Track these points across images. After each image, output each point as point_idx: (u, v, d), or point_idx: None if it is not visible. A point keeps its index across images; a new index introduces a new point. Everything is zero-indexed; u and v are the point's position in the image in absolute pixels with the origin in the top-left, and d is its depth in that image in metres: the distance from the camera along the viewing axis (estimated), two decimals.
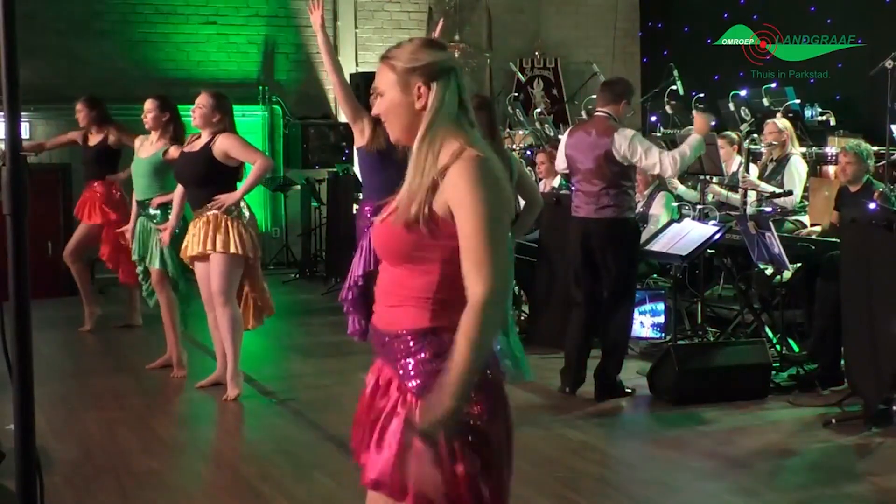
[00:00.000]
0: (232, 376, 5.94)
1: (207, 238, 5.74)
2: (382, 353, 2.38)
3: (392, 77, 2.30)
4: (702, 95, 9.73)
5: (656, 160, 5.75)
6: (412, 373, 2.28)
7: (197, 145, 5.85)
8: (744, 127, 8.51)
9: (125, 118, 8.17)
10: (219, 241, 5.71)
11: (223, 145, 5.76)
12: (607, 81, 6.35)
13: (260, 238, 6.05)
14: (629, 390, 6.06)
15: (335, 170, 10.92)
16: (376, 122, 5.19)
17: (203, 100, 5.82)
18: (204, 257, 5.83)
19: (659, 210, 7.59)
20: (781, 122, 8.00)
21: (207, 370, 6.43)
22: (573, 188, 6.20)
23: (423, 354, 2.27)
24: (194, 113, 5.82)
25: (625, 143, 5.75)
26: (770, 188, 7.58)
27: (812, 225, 7.38)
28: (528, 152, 9.49)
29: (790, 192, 7.49)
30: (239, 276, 5.86)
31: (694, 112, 6.57)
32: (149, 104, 6.44)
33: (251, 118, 11.46)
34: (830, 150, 8.16)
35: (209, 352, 6.90)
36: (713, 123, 6.46)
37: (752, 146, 7.86)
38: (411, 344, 2.28)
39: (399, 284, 2.31)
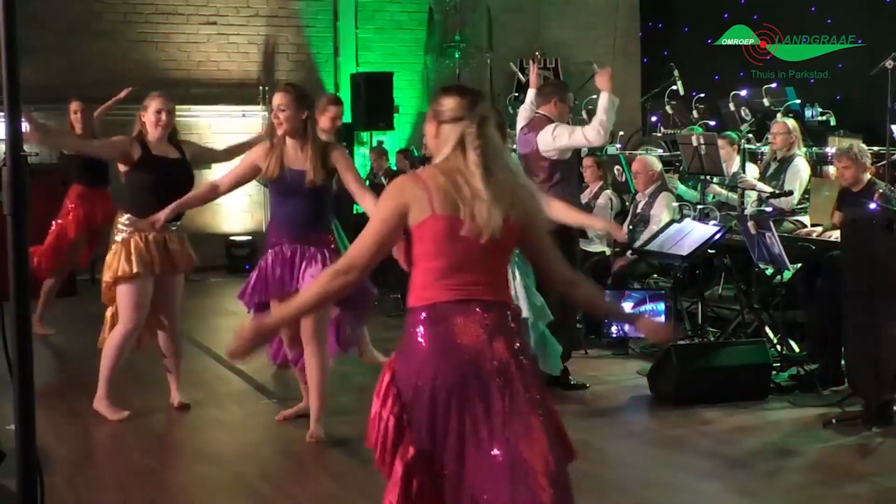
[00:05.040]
0: (176, 386, 5.79)
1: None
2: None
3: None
4: (702, 95, 9.74)
5: (581, 137, 5.98)
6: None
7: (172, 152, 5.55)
8: (744, 127, 8.50)
9: (124, 118, 8.14)
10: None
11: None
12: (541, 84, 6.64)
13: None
14: (573, 381, 6.18)
15: None
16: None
17: (168, 105, 5.50)
18: None
19: (660, 210, 7.58)
20: (791, 123, 7.96)
21: (207, 370, 6.42)
22: None
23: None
24: (163, 118, 5.45)
25: (547, 136, 6.04)
26: (767, 188, 7.57)
27: (812, 225, 7.37)
28: None
29: (790, 193, 7.48)
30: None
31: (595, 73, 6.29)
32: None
33: (251, 118, 11.47)
34: (830, 150, 8.15)
35: (209, 351, 6.91)
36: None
37: (750, 146, 7.84)
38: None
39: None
